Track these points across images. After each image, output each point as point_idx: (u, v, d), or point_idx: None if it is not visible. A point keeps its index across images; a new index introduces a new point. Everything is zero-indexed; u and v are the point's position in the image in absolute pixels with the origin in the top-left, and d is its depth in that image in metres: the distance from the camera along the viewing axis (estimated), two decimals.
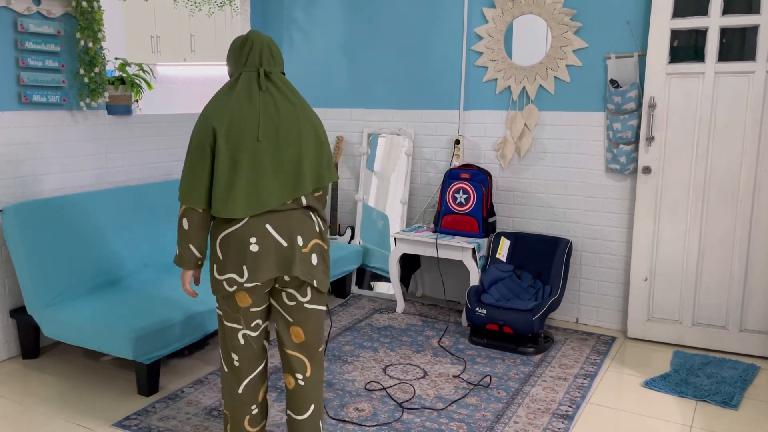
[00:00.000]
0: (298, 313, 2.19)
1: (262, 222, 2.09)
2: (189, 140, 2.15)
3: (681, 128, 3.53)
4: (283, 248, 2.10)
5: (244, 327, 2.20)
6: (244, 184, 2.06)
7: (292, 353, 2.23)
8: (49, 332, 3.08)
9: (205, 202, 2.10)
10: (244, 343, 2.21)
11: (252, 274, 2.08)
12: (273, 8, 4.75)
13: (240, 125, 2.06)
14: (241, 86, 2.11)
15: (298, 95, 2.20)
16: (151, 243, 3.62)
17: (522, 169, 4.05)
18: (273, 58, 2.16)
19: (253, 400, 2.29)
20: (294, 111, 2.14)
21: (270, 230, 2.09)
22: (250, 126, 2.07)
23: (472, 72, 4.12)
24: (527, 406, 2.92)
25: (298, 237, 2.12)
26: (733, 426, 2.78)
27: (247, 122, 2.07)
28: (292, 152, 2.11)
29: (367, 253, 4.47)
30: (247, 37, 2.15)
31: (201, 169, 2.08)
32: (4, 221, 3.11)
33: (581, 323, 4.01)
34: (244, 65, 2.14)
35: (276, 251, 2.10)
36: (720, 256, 3.53)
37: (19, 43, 3.25)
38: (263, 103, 2.10)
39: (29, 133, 3.36)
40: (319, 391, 2.29)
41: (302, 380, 2.25)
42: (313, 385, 2.26)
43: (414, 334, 3.77)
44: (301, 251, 2.12)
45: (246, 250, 2.08)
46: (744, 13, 3.33)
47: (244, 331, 2.20)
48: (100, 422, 2.75)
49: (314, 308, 2.20)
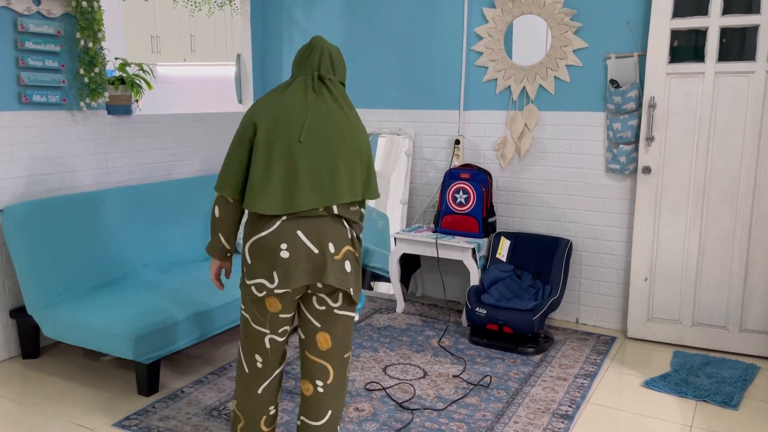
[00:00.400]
0: (328, 318, 2.15)
1: (294, 228, 2.06)
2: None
3: (681, 128, 3.53)
4: (314, 255, 2.07)
5: (271, 332, 2.17)
6: (279, 182, 2.05)
7: (315, 359, 2.19)
8: (49, 332, 3.08)
9: (236, 194, 2.11)
10: (270, 347, 2.20)
11: (283, 281, 2.06)
12: (273, 8, 4.75)
13: (284, 124, 2.06)
14: (294, 87, 2.13)
15: (352, 107, 2.19)
16: (151, 243, 3.63)
17: (522, 169, 4.05)
18: (332, 66, 2.15)
19: (271, 401, 2.28)
20: (344, 121, 2.12)
21: (301, 236, 2.06)
22: (294, 126, 2.06)
23: (472, 72, 4.12)
24: (527, 406, 2.92)
25: (330, 244, 2.08)
26: (733, 426, 2.78)
27: (293, 122, 2.06)
28: (332, 160, 2.08)
29: (367, 253, 4.47)
30: (311, 42, 2.17)
31: (237, 161, 2.09)
32: (4, 221, 3.11)
33: (581, 323, 4.01)
34: (302, 69, 2.15)
35: (308, 258, 2.06)
36: (720, 256, 3.53)
37: (19, 43, 3.25)
38: (313, 107, 2.09)
39: (29, 133, 3.36)
40: (341, 396, 2.25)
41: (322, 387, 2.21)
42: (335, 391, 2.22)
43: (414, 334, 3.77)
44: (334, 258, 2.09)
45: (276, 256, 2.05)
46: (744, 13, 3.33)
47: (270, 336, 2.18)
48: (100, 422, 2.75)
49: (344, 314, 2.17)
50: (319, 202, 2.06)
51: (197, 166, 4.35)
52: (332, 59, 2.16)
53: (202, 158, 4.38)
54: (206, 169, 4.42)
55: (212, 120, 4.46)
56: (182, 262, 3.77)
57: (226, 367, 3.30)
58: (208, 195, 4.04)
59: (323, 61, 2.14)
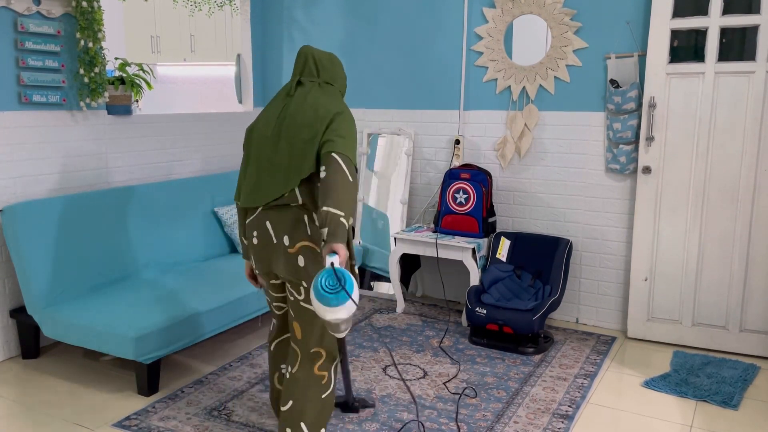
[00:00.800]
0: (297, 309, 2.25)
1: (264, 218, 2.23)
2: None
3: (681, 128, 3.53)
4: (273, 245, 2.23)
5: (270, 302, 2.49)
6: (251, 177, 2.26)
7: (292, 345, 2.30)
8: (49, 332, 3.08)
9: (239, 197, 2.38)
10: (271, 313, 2.54)
11: (256, 264, 2.33)
12: (273, 8, 4.75)
13: (260, 127, 2.28)
14: (278, 94, 2.34)
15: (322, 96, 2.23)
16: (151, 243, 3.63)
17: (522, 169, 4.05)
18: (316, 69, 2.29)
19: (281, 360, 2.55)
20: (302, 109, 2.20)
21: (268, 226, 2.22)
22: (266, 126, 2.26)
23: (472, 72, 4.12)
24: (527, 406, 2.92)
25: (285, 237, 2.19)
26: (733, 426, 2.78)
27: (268, 123, 2.26)
28: (290, 147, 2.17)
29: (367, 253, 4.48)
30: (298, 52, 2.36)
31: (241, 169, 2.37)
32: (4, 221, 3.11)
33: (581, 323, 4.01)
34: (292, 76, 2.34)
35: (268, 247, 2.24)
36: (720, 256, 3.53)
37: (19, 43, 3.25)
38: (284, 106, 2.25)
39: (29, 133, 3.37)
40: (308, 393, 2.24)
41: (288, 373, 2.29)
42: (296, 383, 2.24)
43: (414, 334, 3.77)
44: (287, 250, 2.19)
45: (251, 242, 2.30)
46: (744, 13, 3.33)
47: (272, 304, 2.49)
48: (100, 422, 2.75)
49: (309, 308, 2.21)
50: (278, 191, 2.17)
51: (197, 166, 4.35)
52: (316, 63, 2.29)
53: (202, 158, 4.38)
54: (206, 169, 4.42)
55: (212, 120, 4.46)
56: (182, 262, 3.77)
57: (226, 367, 3.30)
58: (208, 195, 4.04)
59: (306, 67, 2.29)
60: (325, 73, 2.30)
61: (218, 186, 4.12)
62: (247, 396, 2.99)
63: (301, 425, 2.23)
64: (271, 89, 4.85)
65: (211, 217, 4.00)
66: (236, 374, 3.22)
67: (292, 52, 4.72)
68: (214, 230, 4.00)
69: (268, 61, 4.84)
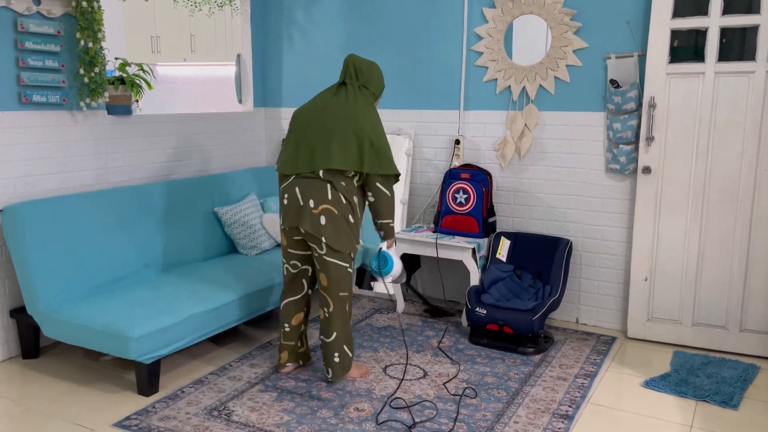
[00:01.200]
0: (322, 263, 2.93)
1: (294, 185, 2.91)
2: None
3: (681, 128, 3.53)
4: (299, 206, 2.89)
5: (286, 262, 3.08)
6: (291, 152, 2.94)
7: (322, 293, 3.00)
8: (49, 332, 3.08)
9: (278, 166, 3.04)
10: (286, 273, 3.11)
11: (283, 220, 2.98)
12: (273, 8, 4.75)
13: (306, 116, 2.95)
14: (324, 91, 3.03)
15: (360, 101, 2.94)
16: (151, 243, 3.63)
17: (522, 169, 4.05)
18: (355, 74, 2.99)
19: (287, 319, 3.13)
20: (346, 111, 2.90)
21: (296, 191, 2.90)
22: (312, 116, 2.93)
23: (472, 72, 4.12)
24: (527, 406, 2.92)
25: (311, 200, 2.86)
26: (733, 426, 2.78)
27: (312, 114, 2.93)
28: (328, 138, 2.85)
29: (367, 253, 4.47)
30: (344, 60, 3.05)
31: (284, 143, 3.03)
32: (4, 221, 3.11)
33: (581, 323, 4.01)
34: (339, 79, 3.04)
35: (296, 207, 2.91)
36: (720, 256, 3.53)
37: (19, 43, 3.25)
38: (328, 102, 2.95)
39: (29, 133, 3.37)
40: (344, 324, 3.00)
41: (327, 313, 2.99)
42: (336, 319, 2.97)
43: (414, 334, 3.77)
44: (312, 211, 2.86)
45: (282, 202, 2.98)
46: (744, 13, 3.33)
47: (286, 265, 3.09)
48: (100, 422, 2.75)
49: (332, 261, 2.90)
50: (310, 168, 2.88)
51: (197, 166, 4.35)
52: (356, 69, 3.00)
53: (202, 158, 4.38)
54: (206, 169, 4.42)
55: (212, 120, 4.46)
56: (182, 262, 3.77)
57: (226, 367, 3.30)
58: (208, 195, 4.04)
59: (348, 71, 3.01)
60: (362, 77, 3.00)
61: (218, 186, 4.12)
62: (247, 396, 2.99)
63: (344, 347, 3.02)
64: (271, 89, 4.86)
65: (211, 217, 4.00)
66: (236, 374, 3.22)
67: (292, 52, 4.73)
68: (214, 230, 4.00)
69: (268, 61, 4.84)
